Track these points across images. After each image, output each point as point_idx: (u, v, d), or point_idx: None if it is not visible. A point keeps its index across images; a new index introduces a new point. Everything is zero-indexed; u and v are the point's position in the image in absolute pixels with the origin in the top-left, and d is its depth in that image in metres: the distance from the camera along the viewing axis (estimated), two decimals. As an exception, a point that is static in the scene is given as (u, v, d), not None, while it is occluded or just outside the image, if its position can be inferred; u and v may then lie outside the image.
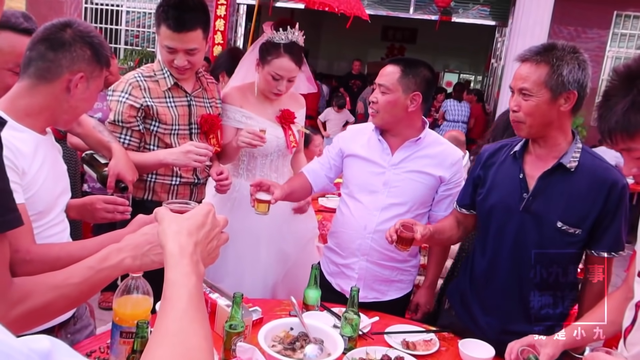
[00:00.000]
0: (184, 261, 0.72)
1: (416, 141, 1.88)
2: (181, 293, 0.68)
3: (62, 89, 1.26)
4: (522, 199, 1.58)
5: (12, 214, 0.82)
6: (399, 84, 1.81)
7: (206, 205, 0.83)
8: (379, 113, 1.85)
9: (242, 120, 2.13)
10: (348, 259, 1.95)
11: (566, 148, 1.55)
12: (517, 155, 1.62)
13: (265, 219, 1.90)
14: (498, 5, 9.00)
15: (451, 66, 14.50)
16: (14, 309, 0.82)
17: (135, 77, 1.92)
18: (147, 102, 1.90)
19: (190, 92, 2.00)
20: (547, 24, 6.46)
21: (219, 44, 9.16)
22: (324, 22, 13.18)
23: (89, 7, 9.98)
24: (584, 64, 1.49)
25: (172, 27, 1.80)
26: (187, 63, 1.87)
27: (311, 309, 1.70)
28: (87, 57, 1.27)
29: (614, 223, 1.52)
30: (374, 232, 1.88)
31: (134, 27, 9.88)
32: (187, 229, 0.77)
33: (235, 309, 1.40)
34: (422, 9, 9.23)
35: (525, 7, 6.45)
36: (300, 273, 2.14)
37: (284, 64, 2.02)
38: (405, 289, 1.99)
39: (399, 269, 1.94)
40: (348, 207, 1.95)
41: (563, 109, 1.50)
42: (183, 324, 0.65)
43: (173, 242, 0.74)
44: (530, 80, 1.49)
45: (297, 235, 2.26)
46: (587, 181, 1.52)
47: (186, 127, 2.00)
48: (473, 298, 1.72)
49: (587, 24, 8.20)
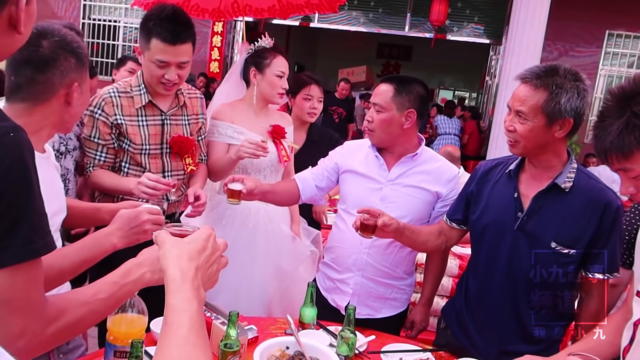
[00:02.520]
0: (186, 287, 0.72)
1: (413, 157, 1.89)
2: (183, 319, 0.68)
3: (61, 104, 1.26)
4: (516, 218, 1.58)
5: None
6: (393, 102, 1.82)
7: (207, 229, 0.84)
8: (374, 132, 1.86)
9: (234, 135, 2.14)
10: (344, 274, 1.94)
11: (561, 168, 1.55)
12: (512, 174, 1.62)
13: (261, 236, 1.89)
14: (492, 23, 9.14)
15: (446, 83, 14.68)
16: (51, 326, 0.84)
17: (109, 93, 1.88)
18: (118, 119, 1.86)
19: (166, 110, 1.95)
20: (541, 42, 6.53)
21: (215, 59, 9.22)
22: (320, 38, 13.32)
23: (86, 23, 10.05)
24: (584, 93, 1.48)
25: (167, 39, 1.77)
26: (177, 77, 1.85)
27: (307, 327, 1.69)
28: (73, 65, 1.26)
29: (608, 244, 1.51)
30: (369, 247, 1.88)
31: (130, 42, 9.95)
32: (189, 253, 0.77)
33: (231, 328, 1.38)
34: (418, 27, 9.36)
35: (519, 25, 6.53)
36: (296, 291, 2.13)
37: (282, 62, 2.17)
38: (400, 307, 1.97)
39: (394, 286, 1.93)
40: (345, 222, 1.94)
41: (557, 135, 1.50)
42: (185, 351, 0.65)
43: (174, 266, 0.74)
44: (528, 105, 1.49)
45: (294, 253, 2.25)
46: (582, 201, 1.52)
47: (157, 147, 1.94)
48: (469, 318, 1.71)
49: (579, 43, 8.34)
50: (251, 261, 2.14)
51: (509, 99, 1.58)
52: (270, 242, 2.15)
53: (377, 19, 9.50)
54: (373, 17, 9.49)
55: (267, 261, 2.17)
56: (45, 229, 0.83)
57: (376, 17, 9.48)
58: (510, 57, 6.58)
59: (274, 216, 2.22)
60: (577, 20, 8.05)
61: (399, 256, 1.89)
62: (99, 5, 10.05)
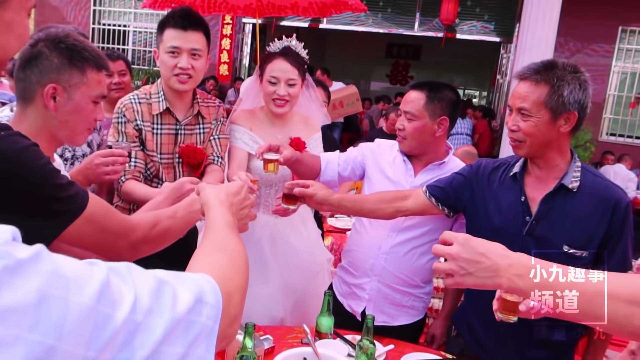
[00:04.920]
0: (223, 208, 0.90)
1: (440, 165, 1.85)
2: (220, 220, 0.85)
3: (42, 106, 1.19)
4: (524, 222, 1.53)
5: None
6: (425, 110, 1.78)
7: (240, 182, 1.09)
8: (406, 140, 1.83)
9: (249, 143, 2.04)
10: (360, 279, 1.91)
11: (565, 168, 1.51)
12: (517, 177, 1.58)
13: (269, 250, 1.84)
14: (502, 21, 9.06)
15: (456, 82, 14.54)
16: (151, 232, 1.16)
17: (129, 99, 1.90)
18: (139, 124, 1.88)
19: (182, 119, 1.94)
20: (553, 39, 6.45)
21: (225, 62, 9.23)
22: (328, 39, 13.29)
23: (96, 28, 10.13)
24: (585, 84, 1.46)
25: (178, 24, 1.82)
26: (191, 68, 1.84)
27: (324, 337, 1.65)
28: (55, 65, 1.18)
29: (620, 243, 1.47)
30: (388, 252, 1.84)
31: (140, 47, 10.00)
32: (225, 191, 0.97)
33: (247, 339, 1.36)
34: (427, 26, 9.31)
35: (530, 23, 6.45)
36: (309, 304, 2.08)
37: (277, 65, 1.96)
38: (417, 315, 1.93)
39: (411, 294, 1.89)
40: (364, 225, 1.91)
41: (563, 130, 1.46)
42: (225, 236, 0.81)
43: (214, 197, 0.93)
44: (530, 100, 1.45)
45: (304, 268, 2.15)
46: (591, 201, 1.48)
47: (170, 157, 1.94)
48: (480, 328, 1.66)
49: (592, 39, 8.22)
50: (260, 274, 2.05)
51: (509, 99, 1.54)
52: (279, 257, 2.07)
53: (386, 19, 9.46)
54: (382, 17, 9.45)
55: (276, 276, 2.08)
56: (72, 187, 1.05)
57: (385, 17, 9.44)
58: (522, 55, 6.50)
59: (283, 229, 2.11)
60: (590, 17, 7.94)
61: (417, 264, 1.85)
62: (109, 11, 10.12)
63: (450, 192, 1.69)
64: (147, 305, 0.44)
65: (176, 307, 0.47)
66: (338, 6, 3.81)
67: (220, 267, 0.66)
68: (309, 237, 2.19)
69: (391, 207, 1.73)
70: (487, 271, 0.97)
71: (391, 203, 1.73)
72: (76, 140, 1.32)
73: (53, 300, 0.38)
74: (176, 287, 0.49)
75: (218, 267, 0.66)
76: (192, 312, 0.49)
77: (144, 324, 0.44)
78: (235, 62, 9.47)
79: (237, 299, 0.63)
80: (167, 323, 0.46)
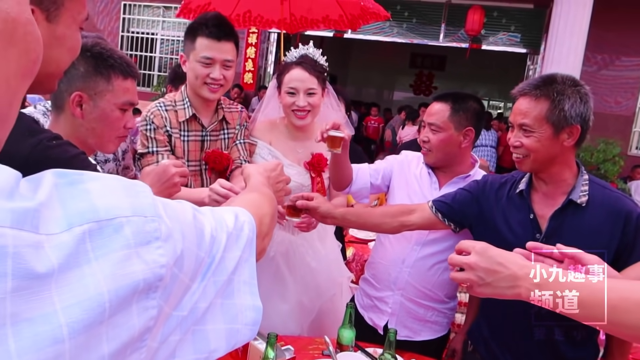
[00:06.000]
0: (261, 177, 1.05)
1: (465, 178, 1.83)
2: (259, 184, 1.00)
3: (70, 114, 1.22)
4: (535, 240, 1.50)
5: None
6: (450, 122, 1.77)
7: (277, 161, 1.27)
8: (431, 152, 1.81)
9: (268, 158, 1.97)
10: (383, 292, 1.89)
11: (573, 182, 1.48)
12: (524, 194, 1.55)
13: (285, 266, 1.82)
14: (529, 33, 8.96)
15: (480, 93, 14.42)
16: None
17: (156, 107, 1.89)
18: (168, 130, 1.87)
19: (207, 126, 1.94)
20: (581, 51, 6.35)
21: (249, 71, 9.34)
22: (352, 49, 13.34)
23: (125, 35, 10.36)
24: (586, 97, 1.43)
25: (213, 34, 1.79)
26: (223, 78, 1.83)
27: (345, 349, 1.64)
28: (80, 74, 1.19)
29: (633, 254, 1.43)
30: (412, 266, 1.82)
31: (167, 54, 10.19)
32: (264, 167, 1.13)
33: (269, 350, 1.36)
34: (452, 37, 9.26)
35: (558, 34, 6.37)
36: (325, 322, 2.04)
37: (295, 75, 1.89)
38: (440, 331, 1.90)
39: (435, 309, 1.86)
40: (388, 238, 1.90)
41: (566, 144, 1.44)
42: (260, 188, 0.97)
43: (254, 171, 1.09)
44: (531, 116, 1.43)
45: (320, 289, 2.07)
46: (601, 215, 1.44)
47: (197, 164, 1.93)
48: (497, 346, 1.63)
49: (622, 51, 8.06)
50: (277, 290, 2.01)
51: (510, 116, 1.52)
52: (296, 275, 2.02)
53: (411, 29, 9.44)
54: (407, 28, 9.44)
55: (292, 294, 2.03)
56: None
57: (410, 27, 9.43)
58: (549, 67, 6.41)
59: (299, 247, 2.04)
60: (620, 28, 7.79)
61: (441, 278, 1.82)
62: (138, 19, 10.35)
63: (456, 208, 1.67)
64: (214, 224, 0.60)
65: (228, 224, 0.63)
66: (365, 17, 3.83)
67: (251, 200, 0.86)
68: (327, 255, 2.11)
69: (396, 222, 1.71)
70: (506, 281, 0.96)
71: (396, 217, 1.71)
72: (106, 147, 1.33)
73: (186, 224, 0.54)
74: (221, 213, 0.66)
75: (248, 200, 0.85)
76: (236, 227, 0.65)
77: (217, 238, 0.59)
78: (260, 71, 9.57)
79: (267, 220, 0.82)
80: (226, 235, 0.61)
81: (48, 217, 0.39)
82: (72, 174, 0.44)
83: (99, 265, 0.40)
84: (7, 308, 0.35)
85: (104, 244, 0.41)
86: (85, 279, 0.39)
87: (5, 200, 0.37)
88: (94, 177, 0.45)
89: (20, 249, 0.36)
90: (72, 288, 0.38)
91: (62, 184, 0.42)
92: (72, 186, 0.43)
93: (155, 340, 0.47)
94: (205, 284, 0.56)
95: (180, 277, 0.50)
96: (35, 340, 0.36)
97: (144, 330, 0.44)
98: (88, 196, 0.43)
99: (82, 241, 0.40)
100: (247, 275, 0.64)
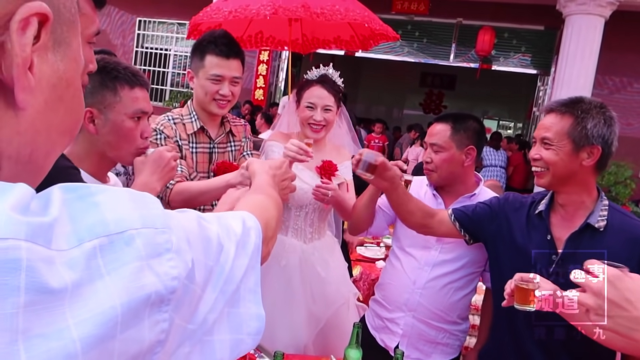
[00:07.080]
0: (267, 176, 1.02)
1: (470, 197, 1.83)
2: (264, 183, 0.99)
3: (86, 131, 1.25)
4: (551, 262, 1.49)
5: None
6: (452, 141, 1.79)
7: (282, 158, 1.23)
8: (435, 172, 1.83)
9: None
10: (394, 313, 1.88)
11: (592, 207, 1.48)
12: (543, 215, 1.55)
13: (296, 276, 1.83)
14: (539, 54, 8.98)
15: (490, 113, 14.41)
16: None
17: (165, 119, 1.94)
18: (179, 142, 1.91)
19: (215, 138, 1.99)
20: (592, 74, 6.34)
21: (260, 87, 9.42)
22: (363, 67, 13.43)
23: (139, 51, 10.53)
24: (611, 121, 1.44)
25: (223, 53, 1.85)
26: (230, 94, 1.90)
27: (352, 370, 1.62)
28: (88, 90, 1.21)
29: None
30: (423, 287, 1.81)
31: (179, 69, 10.33)
32: (269, 165, 1.10)
33: (276, 369, 1.34)
34: (462, 57, 9.29)
35: (569, 56, 6.37)
36: (332, 335, 2.04)
37: (315, 92, 2.03)
38: (452, 354, 1.87)
39: (446, 330, 1.84)
40: (399, 260, 1.89)
41: (585, 164, 1.44)
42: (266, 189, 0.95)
43: (260, 168, 1.07)
44: (553, 130, 1.46)
45: (328, 298, 2.11)
46: (618, 240, 1.43)
47: (205, 175, 1.97)
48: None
49: (634, 75, 8.04)
50: (286, 300, 2.03)
51: (535, 131, 1.54)
52: (305, 284, 2.05)
53: (422, 49, 9.50)
54: (418, 47, 9.50)
55: (301, 304, 2.05)
56: None
57: (421, 47, 9.49)
58: (559, 89, 6.41)
59: (310, 256, 2.09)
60: (632, 51, 7.79)
61: (453, 299, 1.80)
62: (152, 35, 10.52)
63: (474, 220, 1.68)
64: (221, 232, 0.59)
65: (235, 231, 0.63)
66: (375, 37, 3.88)
67: (257, 203, 0.85)
68: (335, 268, 2.17)
69: (422, 219, 1.73)
70: (630, 322, 0.87)
71: (424, 215, 1.73)
72: (125, 159, 1.34)
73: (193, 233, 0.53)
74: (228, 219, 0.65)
75: (254, 204, 0.84)
76: (244, 234, 0.64)
77: (225, 246, 0.58)
78: (271, 87, 9.65)
79: (273, 224, 0.82)
80: (235, 244, 0.60)
81: (59, 233, 0.39)
82: (81, 187, 0.44)
83: (112, 280, 0.40)
84: (20, 323, 0.34)
85: (116, 258, 0.41)
86: (98, 294, 0.39)
87: (20, 215, 0.37)
88: (102, 190, 0.45)
89: (34, 262, 0.36)
90: (85, 304, 0.38)
91: (71, 199, 0.42)
92: (81, 200, 0.43)
93: (167, 353, 0.47)
94: (217, 296, 0.55)
95: (192, 288, 0.50)
96: (48, 356, 0.35)
97: (155, 344, 0.44)
98: (97, 209, 0.42)
99: (93, 256, 0.40)
100: (252, 283, 0.63)
